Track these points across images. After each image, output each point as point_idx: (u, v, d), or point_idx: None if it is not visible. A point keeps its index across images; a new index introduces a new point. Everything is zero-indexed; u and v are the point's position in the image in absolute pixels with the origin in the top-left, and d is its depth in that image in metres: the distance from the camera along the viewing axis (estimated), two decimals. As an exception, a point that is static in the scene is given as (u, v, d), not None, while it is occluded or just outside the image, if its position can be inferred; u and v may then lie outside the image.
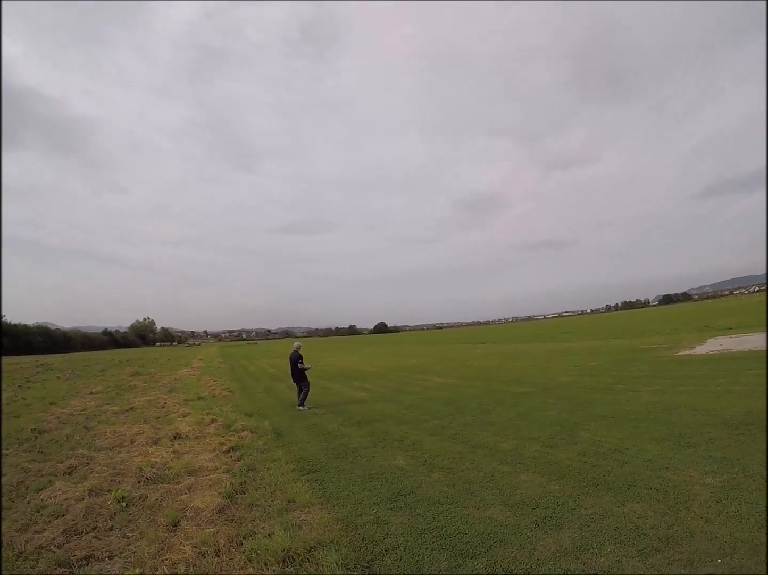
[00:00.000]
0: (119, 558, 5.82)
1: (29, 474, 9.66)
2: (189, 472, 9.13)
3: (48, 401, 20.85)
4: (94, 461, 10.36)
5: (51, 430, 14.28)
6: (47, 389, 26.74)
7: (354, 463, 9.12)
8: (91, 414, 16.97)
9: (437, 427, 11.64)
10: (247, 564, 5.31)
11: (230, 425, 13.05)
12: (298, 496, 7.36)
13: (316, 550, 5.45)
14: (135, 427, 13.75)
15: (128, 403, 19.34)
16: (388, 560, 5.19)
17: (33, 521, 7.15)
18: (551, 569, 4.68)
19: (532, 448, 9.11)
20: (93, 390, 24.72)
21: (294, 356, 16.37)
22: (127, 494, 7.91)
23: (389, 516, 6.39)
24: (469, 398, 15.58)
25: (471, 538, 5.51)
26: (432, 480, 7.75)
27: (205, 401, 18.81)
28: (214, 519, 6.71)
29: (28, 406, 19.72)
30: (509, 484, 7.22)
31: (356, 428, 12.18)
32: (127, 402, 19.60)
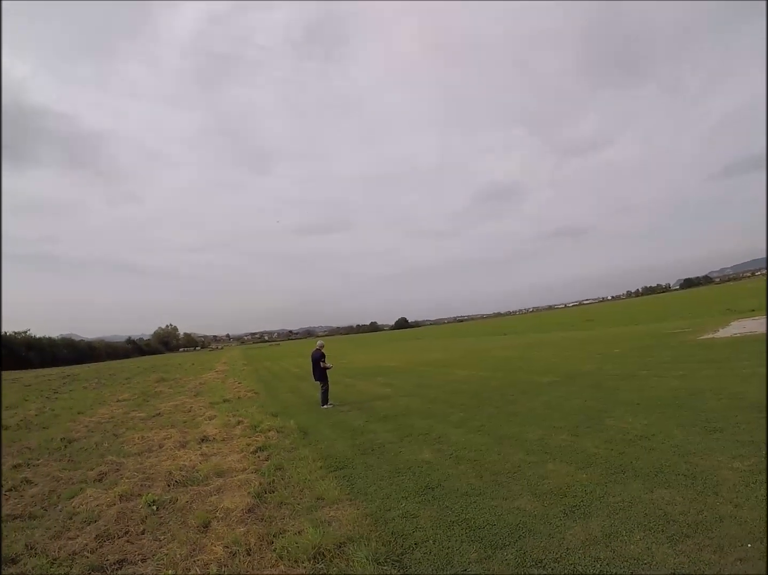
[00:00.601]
0: (152, 560, 5.90)
1: (60, 483, 9.80)
2: (218, 474, 9.21)
3: (76, 411, 21.03)
4: (123, 467, 10.47)
5: (80, 439, 14.43)
6: (74, 399, 26.95)
7: (381, 458, 9.15)
8: (118, 421, 17.13)
9: (462, 420, 11.64)
10: (278, 561, 5.35)
11: (256, 426, 13.12)
12: (326, 493, 7.41)
13: (346, 546, 5.49)
14: (162, 432, 13.86)
15: (155, 409, 19.49)
16: (418, 553, 5.22)
17: (66, 528, 7.25)
18: (581, 557, 4.69)
19: (558, 437, 9.09)
20: (120, 398, 24.85)
21: (316, 355, 16.43)
22: (157, 498, 7.99)
23: (418, 510, 6.41)
24: (493, 390, 15.57)
25: (500, 529, 5.52)
26: (459, 472, 7.76)
27: (230, 404, 18.94)
28: (244, 519, 6.78)
29: (57, 416, 19.94)
30: (536, 474, 7.22)
31: (382, 424, 12.22)
32: (154, 408, 19.76)
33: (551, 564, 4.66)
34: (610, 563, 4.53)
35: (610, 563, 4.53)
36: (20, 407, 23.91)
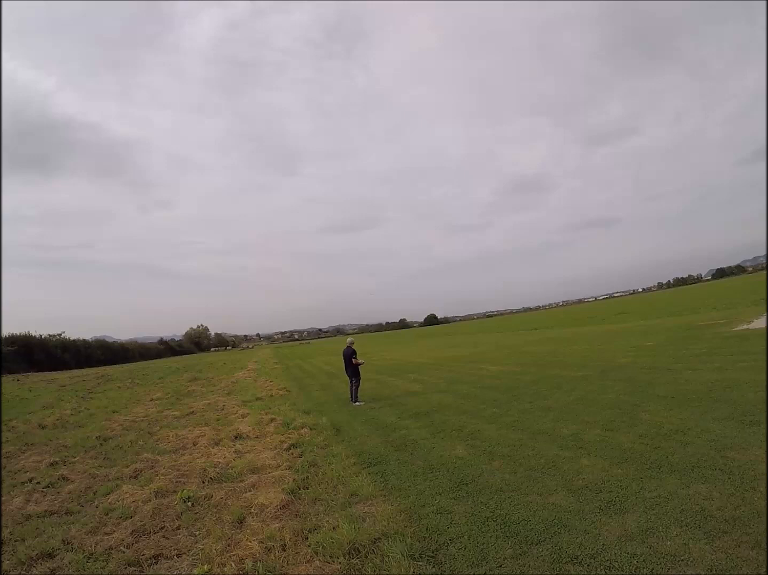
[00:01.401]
0: (187, 555, 6.01)
1: (96, 480, 10.00)
2: (251, 470, 9.31)
3: (111, 410, 21.35)
4: (158, 464, 10.65)
5: (115, 437, 14.68)
6: (109, 398, 27.32)
7: (414, 455, 9.16)
8: (153, 420, 17.38)
9: (495, 415, 11.61)
10: (313, 557, 5.40)
11: (289, 424, 13.22)
12: (360, 489, 7.46)
13: (381, 541, 5.53)
14: (196, 430, 14.04)
15: (188, 407, 19.73)
16: (453, 549, 5.23)
17: (102, 523, 7.41)
18: (617, 554, 4.66)
19: (592, 432, 9.03)
20: (153, 397, 25.19)
21: (347, 352, 16.58)
22: (192, 494, 8.10)
23: (452, 506, 6.42)
24: (526, 385, 15.52)
25: (535, 525, 5.51)
26: (493, 468, 7.75)
27: (263, 402, 19.08)
28: (278, 515, 6.85)
29: (92, 415, 20.25)
30: (571, 469, 7.19)
31: (414, 420, 12.22)
32: (187, 407, 20.00)
33: (587, 560, 4.64)
34: (646, 560, 4.50)
35: (647, 560, 4.50)
36: (56, 406, 24.32)
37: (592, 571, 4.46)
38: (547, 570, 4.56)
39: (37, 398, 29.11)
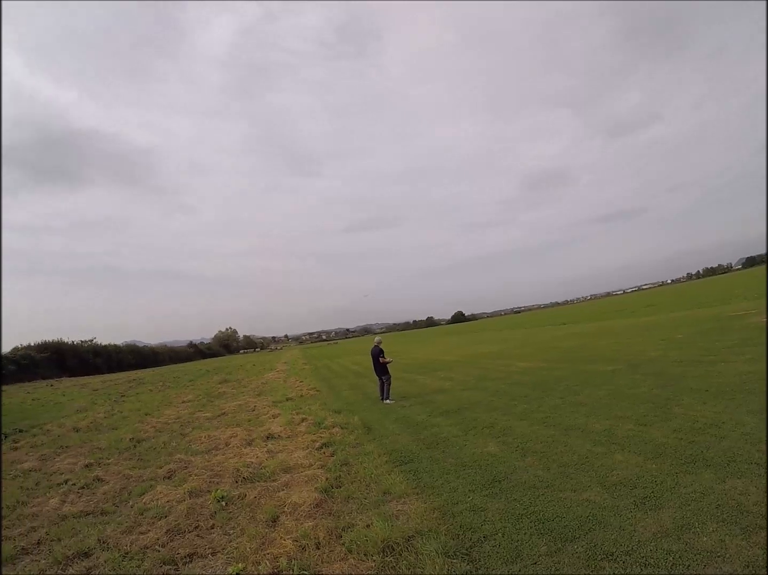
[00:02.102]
0: (222, 554, 6.10)
1: (131, 480, 10.20)
2: (284, 470, 9.38)
3: (143, 413, 21.68)
4: (191, 464, 10.79)
5: (148, 438, 14.93)
6: (141, 401, 27.69)
7: (446, 452, 9.17)
8: (185, 421, 17.61)
9: (526, 411, 11.58)
10: (347, 555, 5.44)
11: (320, 423, 13.29)
12: (393, 487, 7.49)
13: (415, 539, 5.55)
14: (228, 431, 14.17)
15: (219, 409, 19.92)
16: (487, 546, 5.24)
17: (137, 523, 7.56)
18: (652, 550, 4.64)
19: (625, 427, 8.97)
20: (184, 399, 25.50)
21: (375, 351, 16.67)
22: (225, 493, 8.21)
23: (485, 503, 6.42)
24: (556, 381, 15.44)
25: (569, 521, 5.50)
26: (526, 464, 7.74)
27: (293, 402, 19.15)
28: (312, 513, 6.90)
29: (125, 418, 20.59)
30: (605, 465, 7.15)
31: (445, 418, 12.23)
32: (219, 408, 20.20)
33: (622, 557, 4.62)
34: (682, 556, 4.47)
35: (683, 556, 4.47)
36: (90, 410, 24.78)
37: (627, 568, 4.43)
38: (582, 568, 4.55)
39: (70, 403, 29.65)
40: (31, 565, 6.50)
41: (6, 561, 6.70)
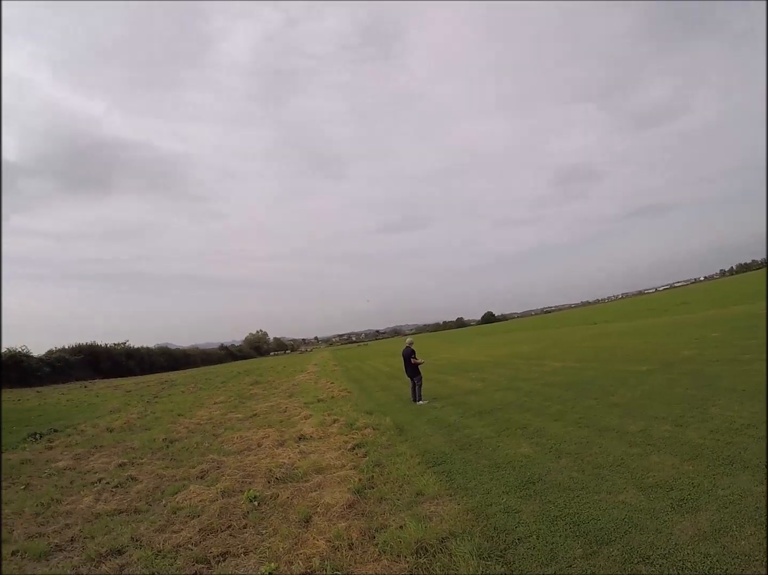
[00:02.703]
0: (254, 553, 6.15)
1: (164, 480, 10.34)
2: (317, 470, 9.44)
3: (176, 413, 21.96)
4: (224, 465, 10.89)
5: (181, 439, 15.12)
6: (174, 402, 28.03)
7: (479, 453, 9.15)
8: (217, 422, 17.79)
9: (560, 412, 11.51)
10: (380, 556, 5.46)
11: (352, 424, 13.33)
12: (426, 488, 7.49)
13: (449, 541, 5.54)
14: (260, 431, 14.28)
15: (251, 410, 20.08)
16: (521, 548, 5.21)
17: (170, 522, 7.67)
18: (689, 554, 4.57)
19: (660, 428, 8.85)
20: (216, 400, 25.70)
21: (407, 352, 16.65)
22: (258, 494, 8.27)
23: (520, 505, 6.40)
24: (589, 381, 15.30)
25: (605, 524, 5.45)
26: (560, 466, 7.69)
27: (325, 403, 19.24)
28: (345, 514, 6.93)
29: (158, 419, 20.88)
30: (640, 467, 7.07)
31: (477, 419, 12.19)
32: (250, 409, 20.37)
33: (659, 560, 4.56)
34: (720, 560, 4.40)
35: (720, 560, 4.40)
36: (123, 411, 25.14)
37: (664, 572, 4.38)
38: (618, 571, 4.50)
39: (104, 403, 30.12)
40: (64, 562, 6.65)
41: (39, 557, 6.85)
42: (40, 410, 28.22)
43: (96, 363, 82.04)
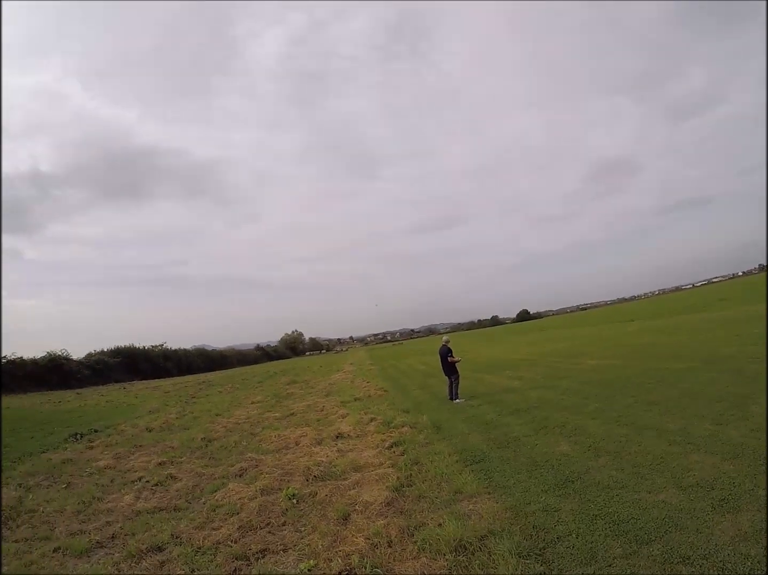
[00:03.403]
0: (293, 550, 6.24)
1: (203, 478, 10.50)
2: (355, 469, 9.52)
3: (214, 413, 22.13)
4: (262, 463, 11.02)
5: (219, 438, 15.30)
6: (212, 402, 28.23)
7: (517, 452, 9.15)
8: (255, 421, 17.94)
9: (598, 410, 11.45)
10: (419, 553, 5.50)
11: (389, 423, 13.36)
12: (464, 486, 7.52)
13: (488, 539, 5.57)
14: (298, 430, 14.38)
15: (288, 409, 20.20)
16: (560, 547, 5.23)
17: (210, 519, 7.79)
18: (730, 554, 4.55)
19: (701, 427, 8.78)
20: (253, 400, 25.85)
21: (443, 350, 16.68)
22: (297, 491, 8.37)
23: (558, 503, 6.40)
24: (628, 379, 15.17)
25: (645, 523, 5.44)
26: (599, 464, 7.67)
27: (361, 402, 19.30)
28: (383, 512, 6.99)
29: (196, 418, 21.11)
30: (680, 466, 7.02)
31: (515, 417, 12.18)
32: (287, 408, 20.49)
33: (699, 561, 4.55)
34: (761, 561, 4.37)
35: (761, 561, 4.37)
36: (162, 411, 25.42)
37: (704, 572, 4.38)
38: (658, 571, 4.51)
39: (143, 404, 30.44)
40: (105, 558, 6.79)
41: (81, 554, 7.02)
42: (80, 411, 28.67)
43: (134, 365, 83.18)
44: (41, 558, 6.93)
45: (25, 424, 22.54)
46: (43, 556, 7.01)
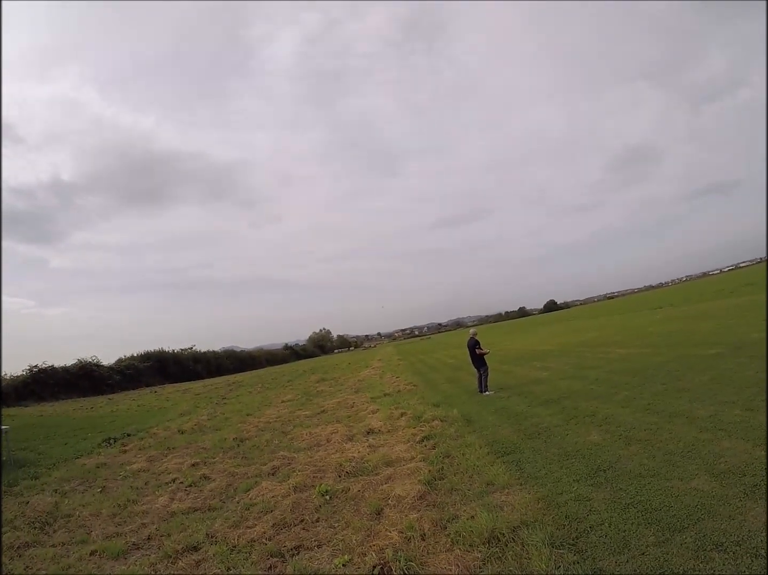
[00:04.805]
0: (327, 546, 6.32)
1: (236, 478, 10.62)
2: (386, 463, 9.59)
3: (245, 413, 22.29)
4: (294, 461, 11.15)
5: (251, 437, 15.43)
6: (242, 402, 28.40)
7: (548, 442, 9.18)
8: (285, 420, 18.07)
9: (628, 399, 11.43)
10: (453, 546, 5.56)
11: (420, 417, 13.41)
12: (496, 478, 7.56)
13: (521, 530, 5.62)
14: (329, 427, 14.51)
15: (319, 407, 20.33)
16: (593, 536, 5.25)
17: (244, 518, 7.89)
18: (763, 541, 4.54)
19: (731, 413, 8.72)
20: (284, 399, 25.99)
21: (471, 343, 16.72)
22: (329, 488, 8.47)
23: (590, 493, 6.42)
24: (657, 366, 15.10)
25: (677, 511, 5.45)
26: (630, 453, 7.67)
27: (391, 397, 19.37)
28: (416, 506, 7.05)
29: (227, 419, 21.23)
30: (712, 452, 7.00)
31: (545, 408, 12.21)
32: (318, 406, 20.61)
33: (732, 547, 4.55)
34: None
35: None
36: (193, 413, 25.59)
37: (737, 559, 4.37)
38: (691, 558, 4.51)
39: (174, 407, 30.76)
40: (142, 559, 6.89)
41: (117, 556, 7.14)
42: (112, 416, 28.96)
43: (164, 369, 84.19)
44: (78, 562, 7.06)
45: (59, 431, 22.85)
46: (80, 559, 7.14)
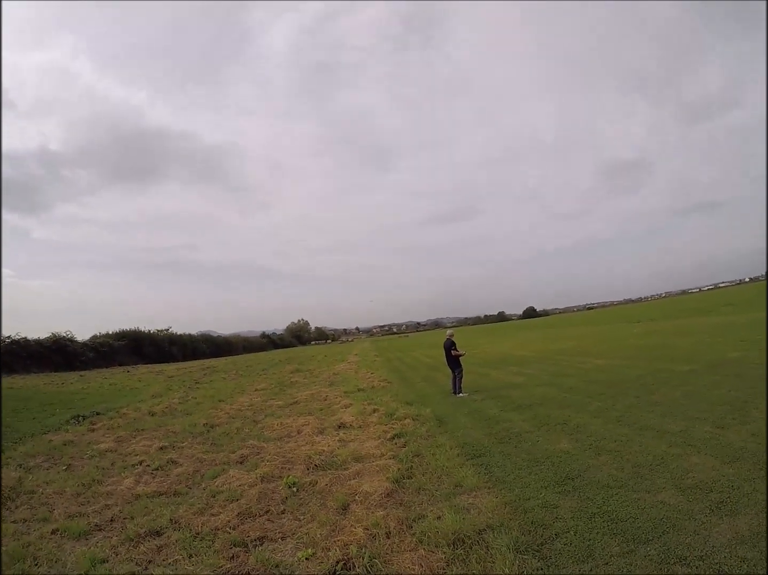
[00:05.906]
0: (291, 539, 6.28)
1: (204, 464, 10.53)
2: (356, 459, 9.55)
3: (217, 399, 22.14)
4: (264, 450, 11.05)
5: (222, 424, 15.35)
6: (215, 388, 28.28)
7: (518, 447, 9.19)
8: (257, 409, 17.99)
9: (601, 409, 11.48)
10: (417, 545, 5.53)
11: (392, 414, 13.41)
12: (464, 480, 7.55)
13: (486, 533, 5.61)
14: (300, 419, 14.43)
15: (292, 397, 20.22)
16: (558, 544, 5.26)
17: (209, 505, 7.79)
18: (727, 557, 4.58)
19: (702, 429, 8.80)
20: (257, 387, 25.86)
21: (447, 344, 16.73)
22: (297, 480, 8.42)
23: (558, 500, 6.44)
24: (632, 379, 15.21)
25: (643, 523, 5.47)
26: (599, 463, 7.70)
27: (365, 393, 19.33)
28: (383, 503, 7.01)
29: (199, 404, 21.13)
30: (680, 467, 7.06)
31: (518, 413, 12.23)
32: (291, 397, 20.50)
33: (695, 562, 4.58)
34: (757, 564, 4.41)
35: (758, 564, 4.41)
36: (165, 395, 25.47)
37: (700, 573, 4.41)
38: (655, 570, 4.54)
39: (146, 388, 30.54)
40: (103, 541, 6.80)
41: (79, 537, 7.04)
42: (83, 393, 28.72)
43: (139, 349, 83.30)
44: (39, 540, 6.96)
45: (28, 405, 22.71)
46: (41, 538, 7.04)
